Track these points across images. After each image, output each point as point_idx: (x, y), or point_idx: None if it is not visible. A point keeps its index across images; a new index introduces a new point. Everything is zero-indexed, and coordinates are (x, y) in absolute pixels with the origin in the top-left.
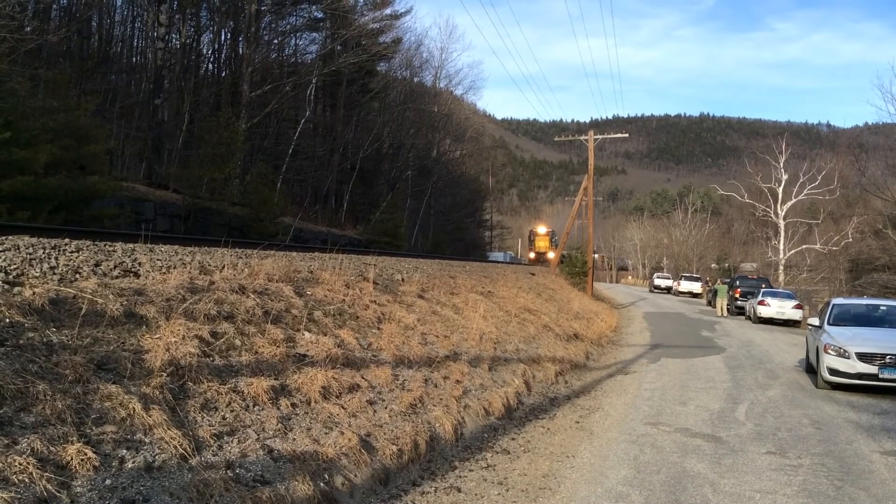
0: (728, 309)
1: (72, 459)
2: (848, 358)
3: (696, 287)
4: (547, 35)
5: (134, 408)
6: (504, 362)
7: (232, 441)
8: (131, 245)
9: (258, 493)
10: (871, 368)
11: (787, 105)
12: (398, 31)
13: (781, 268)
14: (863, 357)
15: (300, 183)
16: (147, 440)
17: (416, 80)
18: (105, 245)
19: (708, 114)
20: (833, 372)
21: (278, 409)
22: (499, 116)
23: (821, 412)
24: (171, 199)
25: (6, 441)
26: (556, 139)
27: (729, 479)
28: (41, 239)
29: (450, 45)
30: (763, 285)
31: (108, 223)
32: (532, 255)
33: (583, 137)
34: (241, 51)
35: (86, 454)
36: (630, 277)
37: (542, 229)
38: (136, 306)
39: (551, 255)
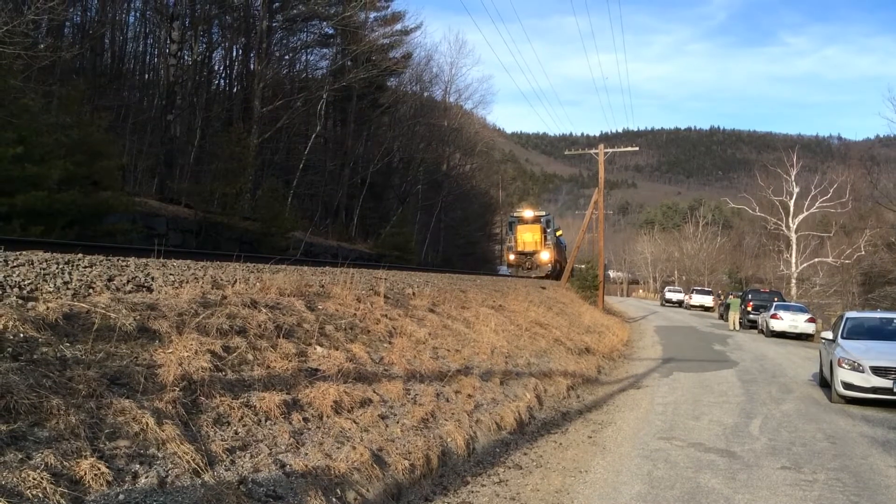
0: (740, 322)
1: (85, 474)
2: (862, 372)
3: (708, 300)
4: (558, 51)
5: (147, 422)
6: (516, 376)
7: (244, 456)
8: (144, 260)
9: None
10: (885, 382)
11: (798, 118)
12: (408, 46)
13: (794, 281)
14: (877, 371)
15: (311, 197)
16: (160, 455)
17: (426, 94)
18: (118, 260)
19: (718, 127)
20: (847, 386)
21: (290, 423)
22: (508, 130)
23: (835, 427)
24: (182, 214)
25: (20, 456)
26: (566, 153)
27: (744, 495)
28: (55, 254)
29: (459, 59)
30: (775, 299)
31: (121, 238)
32: (512, 256)
33: (593, 151)
34: (252, 67)
35: (99, 469)
36: (641, 291)
37: (528, 213)
38: (148, 321)
39: (544, 255)
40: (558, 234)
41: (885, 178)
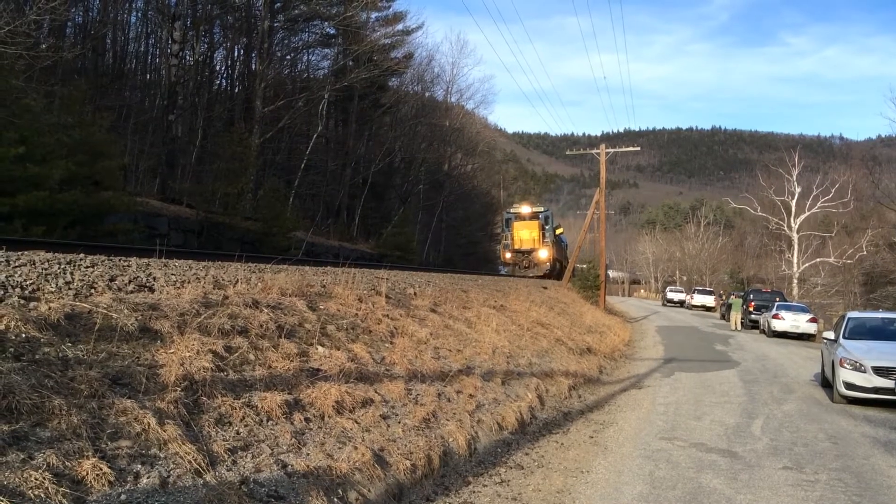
0: (742, 322)
1: (87, 474)
2: (864, 372)
3: (710, 300)
4: (559, 51)
5: (149, 423)
6: (517, 376)
7: (246, 456)
8: (146, 260)
9: None
10: (887, 382)
11: (800, 118)
12: (410, 46)
13: (795, 281)
14: (879, 371)
15: (312, 197)
16: (162, 455)
17: (427, 94)
18: (120, 260)
19: (720, 127)
20: (849, 386)
21: (292, 423)
22: (510, 130)
23: (837, 427)
24: (184, 214)
25: (22, 456)
26: (567, 153)
27: (745, 495)
28: (56, 254)
29: (461, 59)
30: (777, 299)
31: (123, 238)
32: (508, 254)
33: (594, 151)
34: (253, 67)
35: (101, 469)
36: (642, 291)
37: (525, 209)
38: (150, 321)
39: (543, 253)
40: (558, 231)
41: (887, 178)
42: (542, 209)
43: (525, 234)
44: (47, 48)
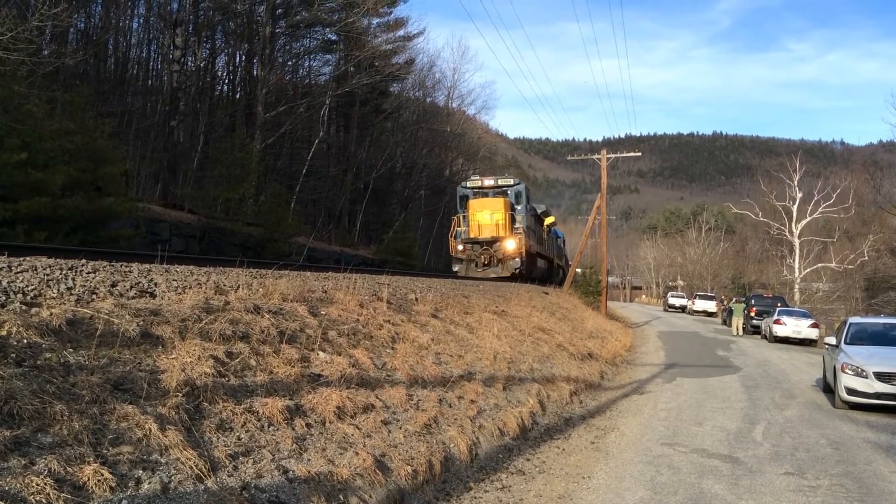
0: (743, 328)
1: (88, 480)
2: (866, 377)
3: (711, 306)
4: (561, 57)
5: (150, 428)
6: (518, 382)
7: (247, 462)
8: (147, 265)
9: None
10: (889, 388)
11: (801, 123)
12: (411, 51)
13: (797, 286)
14: (881, 376)
15: (314, 203)
16: (163, 461)
17: (428, 100)
18: (121, 266)
19: (721, 132)
20: (851, 391)
21: (293, 429)
22: (511, 136)
23: (839, 432)
24: (186, 220)
25: (24, 461)
26: (568, 158)
27: (747, 501)
28: (58, 260)
29: (462, 65)
30: (779, 304)
31: (125, 244)
32: (459, 246)
33: (595, 157)
34: (255, 72)
35: (102, 475)
36: (644, 296)
37: (487, 181)
38: (151, 326)
39: (510, 243)
40: (548, 221)
41: (888, 183)
42: (511, 181)
43: (484, 216)
44: (49, 54)
